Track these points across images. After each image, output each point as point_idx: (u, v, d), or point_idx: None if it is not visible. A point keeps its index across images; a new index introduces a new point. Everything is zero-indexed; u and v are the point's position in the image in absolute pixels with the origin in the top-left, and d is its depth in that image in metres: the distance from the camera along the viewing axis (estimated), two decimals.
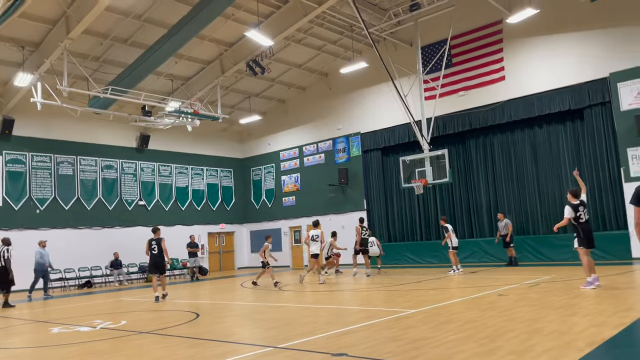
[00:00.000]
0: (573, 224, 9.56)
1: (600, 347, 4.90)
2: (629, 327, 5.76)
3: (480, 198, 19.41)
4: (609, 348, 4.86)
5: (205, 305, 10.98)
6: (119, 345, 6.76)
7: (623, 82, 15.88)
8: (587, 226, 9.55)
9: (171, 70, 20.23)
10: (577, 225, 9.50)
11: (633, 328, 5.73)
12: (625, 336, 5.34)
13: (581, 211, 9.51)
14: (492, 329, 6.09)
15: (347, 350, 5.43)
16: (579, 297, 8.42)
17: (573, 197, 9.61)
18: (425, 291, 10.93)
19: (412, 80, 19.28)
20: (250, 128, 27.21)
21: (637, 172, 15.56)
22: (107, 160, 22.12)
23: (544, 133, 18.07)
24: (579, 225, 9.50)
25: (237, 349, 6.02)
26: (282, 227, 25.71)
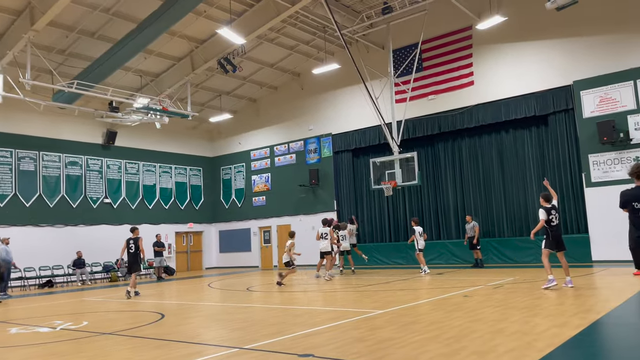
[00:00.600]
0: (545, 226, 9.84)
1: (559, 347, 5.02)
2: (588, 328, 5.93)
3: (447, 201, 19.71)
4: (568, 349, 4.99)
5: (171, 306, 10.80)
6: (80, 346, 6.57)
7: (586, 90, 16.40)
8: (557, 230, 9.88)
9: (140, 65, 19.85)
10: (548, 228, 9.79)
11: (592, 329, 5.91)
12: (584, 337, 5.49)
13: (553, 214, 9.84)
14: (457, 330, 6.18)
15: (313, 351, 5.42)
16: (542, 298, 8.64)
17: (545, 201, 9.94)
18: (393, 292, 11.02)
19: (383, 82, 19.46)
20: (220, 126, 26.94)
21: (597, 177, 16.08)
22: (71, 157, 21.52)
23: (510, 138, 18.50)
24: (550, 229, 9.81)
25: (202, 350, 5.93)
26: (251, 227, 25.54)
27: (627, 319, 6.71)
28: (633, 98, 15.54)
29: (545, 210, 9.84)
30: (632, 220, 5.81)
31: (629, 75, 15.62)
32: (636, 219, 5.71)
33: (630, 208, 5.77)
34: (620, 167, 15.67)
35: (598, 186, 16.07)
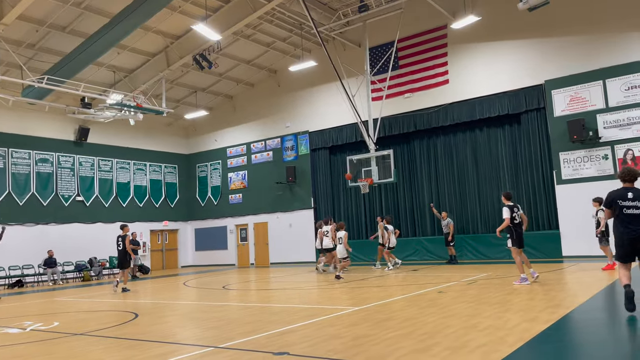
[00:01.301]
0: (509, 225, 10.09)
1: (530, 342, 5.14)
2: (557, 322, 6.08)
3: (423, 198, 19.92)
4: (538, 343, 5.11)
5: (145, 305, 10.66)
6: (50, 348, 6.44)
7: (557, 90, 16.76)
8: (519, 227, 10.18)
9: (113, 61, 19.50)
10: (512, 226, 10.06)
11: (561, 324, 6.05)
12: (553, 331, 5.63)
13: (515, 212, 10.14)
14: (431, 326, 6.26)
15: (289, 348, 5.42)
16: (513, 293, 8.81)
17: (507, 199, 10.30)
18: (368, 289, 11.09)
19: (359, 80, 19.53)
20: (196, 123, 26.67)
21: (568, 175, 16.46)
22: (42, 154, 21.01)
23: (484, 136, 18.78)
24: (513, 227, 10.09)
25: (176, 350, 5.88)
26: (228, 225, 25.37)
27: (595, 314, 6.90)
28: (602, 97, 15.94)
29: (508, 208, 10.11)
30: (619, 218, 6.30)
31: (598, 75, 16.01)
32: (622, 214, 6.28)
33: (616, 206, 6.31)
34: (590, 165, 16.08)
35: (568, 183, 16.45)
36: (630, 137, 15.42)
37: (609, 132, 15.77)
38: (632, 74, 15.46)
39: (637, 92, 15.39)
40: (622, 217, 6.33)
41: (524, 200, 17.67)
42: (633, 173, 6.52)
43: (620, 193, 6.45)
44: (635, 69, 15.42)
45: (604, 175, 15.80)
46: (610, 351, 4.86)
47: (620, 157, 15.57)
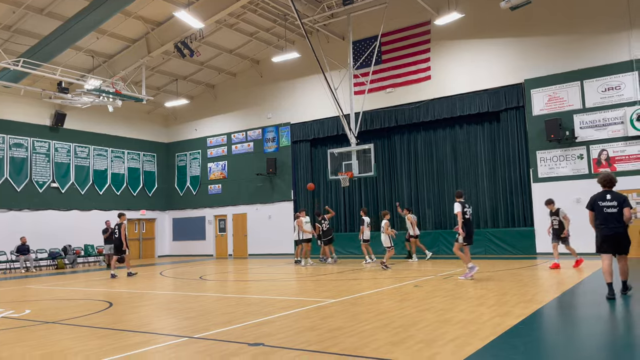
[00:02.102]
0: (462, 220, 10.50)
1: (501, 336, 5.23)
2: (529, 317, 6.20)
3: (402, 193, 20.06)
4: (509, 337, 5.21)
5: (120, 294, 10.54)
6: (22, 335, 6.32)
7: (536, 89, 17.00)
8: (470, 224, 10.66)
9: (92, 45, 19.11)
10: (464, 222, 10.46)
11: (532, 318, 6.18)
12: (524, 326, 5.74)
13: (467, 208, 10.56)
14: (406, 319, 6.33)
15: (264, 339, 5.43)
16: (486, 288, 8.96)
17: (458, 197, 10.77)
18: (345, 281, 11.15)
19: (342, 74, 19.52)
20: (176, 112, 26.35)
21: (544, 173, 16.75)
22: (16, 138, 20.53)
23: (464, 133, 18.97)
24: (465, 222, 10.49)
25: (150, 339, 5.83)
26: (206, 216, 25.20)
27: (565, 310, 7.05)
28: (579, 98, 16.23)
29: (460, 204, 10.54)
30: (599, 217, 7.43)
31: (577, 76, 16.29)
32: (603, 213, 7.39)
33: (597, 206, 7.46)
34: (565, 164, 16.38)
35: (544, 181, 16.74)
36: (605, 137, 15.75)
37: (585, 132, 16.08)
38: (609, 75, 15.77)
39: (613, 94, 15.71)
40: (602, 216, 7.32)
41: (501, 197, 17.94)
42: (610, 179, 7.60)
43: (600, 195, 7.52)
44: (612, 71, 15.73)
45: (579, 174, 16.12)
46: (578, 346, 4.98)
47: (595, 157, 15.90)
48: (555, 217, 12.13)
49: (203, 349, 5.18)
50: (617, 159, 15.55)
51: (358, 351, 4.81)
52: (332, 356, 4.68)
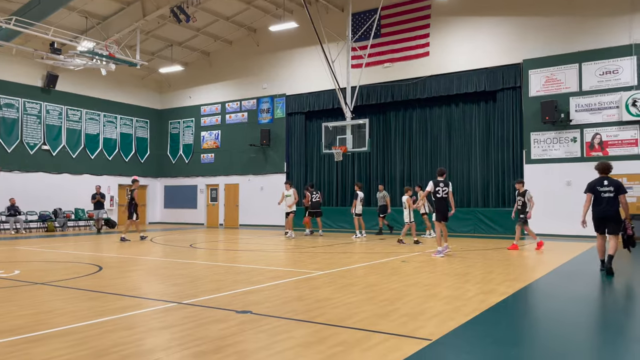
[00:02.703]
0: (432, 198, 10.82)
1: (484, 312, 5.33)
2: (512, 295, 6.32)
3: (395, 169, 20.10)
4: (492, 314, 5.31)
5: (109, 259, 10.59)
6: (11, 295, 6.36)
7: (534, 70, 16.92)
8: (442, 202, 10.76)
9: (86, 6, 18.70)
10: (435, 199, 10.75)
11: (515, 297, 6.29)
12: (507, 304, 5.85)
13: (440, 187, 10.70)
14: (392, 293, 6.42)
15: (251, 307, 5.50)
16: (474, 266, 9.08)
17: (439, 175, 10.89)
18: (334, 255, 11.26)
19: (340, 46, 19.29)
20: (170, 78, 26.02)
21: (537, 155, 16.82)
22: (6, 98, 20.23)
23: (459, 111, 18.93)
24: (437, 201, 10.75)
25: (139, 304, 5.89)
26: (198, 185, 25.18)
27: (549, 288, 7.18)
28: (577, 81, 16.19)
29: (434, 182, 10.78)
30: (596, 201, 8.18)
31: (575, 58, 16.21)
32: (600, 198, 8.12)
33: (594, 192, 8.18)
34: (559, 147, 16.45)
35: (537, 163, 16.83)
36: (600, 121, 15.79)
37: (579, 115, 16.10)
38: (608, 59, 15.71)
39: (610, 78, 15.68)
40: (598, 200, 8.13)
41: (493, 176, 18.04)
42: (607, 166, 8.39)
43: (598, 181, 8.22)
44: (611, 55, 15.66)
45: (572, 157, 16.21)
46: (558, 323, 5.09)
47: (588, 140, 15.97)
48: (521, 198, 12.06)
49: (191, 314, 5.24)
50: (610, 144, 15.63)
51: (343, 322, 4.89)
52: (317, 325, 4.76)
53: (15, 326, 4.73)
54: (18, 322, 4.87)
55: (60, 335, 4.40)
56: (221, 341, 4.22)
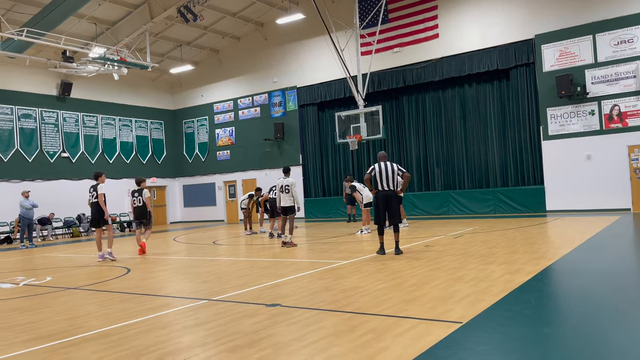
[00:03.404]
0: None
1: (513, 292, 5.33)
2: (539, 274, 6.30)
3: (411, 154, 20.03)
4: (520, 293, 5.30)
5: (136, 260, 10.78)
6: (46, 301, 6.54)
7: (547, 44, 16.65)
8: None
9: (95, 12, 18.88)
10: None
11: (543, 275, 6.27)
12: (536, 282, 5.84)
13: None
14: (418, 278, 6.45)
15: (280, 300, 5.57)
16: (497, 246, 9.05)
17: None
18: (357, 243, 11.30)
19: (348, 34, 19.19)
20: (181, 78, 26.18)
21: (554, 131, 16.61)
22: (24, 109, 20.58)
23: (473, 92, 18.74)
24: None
25: (170, 303, 6.01)
26: (216, 182, 25.39)
27: (576, 265, 7.14)
28: (591, 52, 15.90)
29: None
30: None
31: (588, 30, 15.91)
32: None
33: None
34: (576, 121, 16.21)
35: (554, 139, 16.62)
36: (617, 92, 15.51)
37: (596, 87, 15.83)
38: (622, 28, 15.39)
39: (626, 47, 15.37)
40: None
41: (510, 155, 17.87)
42: None
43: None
44: (625, 23, 15.34)
45: (590, 130, 15.97)
46: (589, 300, 5.07)
47: (606, 112, 15.71)
48: None
49: (222, 310, 5.33)
50: (629, 114, 15.35)
51: (372, 309, 4.94)
52: (347, 314, 4.81)
53: (52, 331, 4.87)
54: (55, 327, 5.02)
55: (97, 338, 4.53)
56: (255, 335, 4.30)
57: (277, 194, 11.67)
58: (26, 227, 16.43)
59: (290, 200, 11.36)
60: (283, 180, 11.48)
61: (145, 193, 11.73)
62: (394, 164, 8.97)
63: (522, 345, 3.72)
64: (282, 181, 11.49)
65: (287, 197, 11.36)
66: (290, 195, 11.35)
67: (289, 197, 11.36)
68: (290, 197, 11.35)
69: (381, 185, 8.83)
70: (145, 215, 11.67)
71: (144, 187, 11.88)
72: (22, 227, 16.51)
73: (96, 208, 10.90)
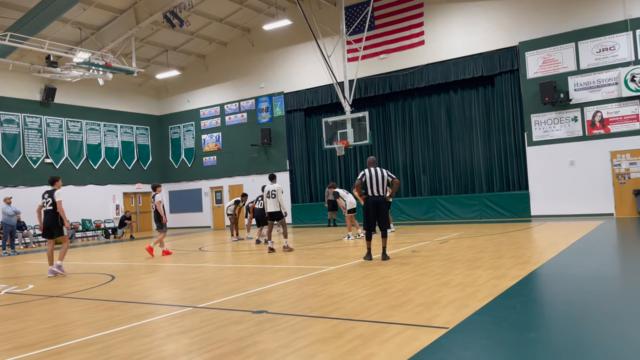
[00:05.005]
0: None
1: (498, 297, 5.37)
2: (524, 278, 6.35)
3: (397, 160, 20.12)
4: (506, 298, 5.34)
5: (121, 267, 10.66)
6: (28, 309, 6.42)
7: (530, 51, 16.89)
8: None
9: (79, 17, 18.72)
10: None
11: (528, 279, 6.33)
12: (520, 287, 5.88)
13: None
14: (404, 283, 6.47)
15: (267, 307, 5.54)
16: (483, 251, 9.12)
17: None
18: (344, 249, 11.30)
19: (335, 40, 19.28)
20: (168, 84, 26.04)
21: (538, 137, 16.81)
22: (6, 114, 20.29)
23: (458, 98, 18.92)
24: None
25: (156, 310, 5.94)
26: (202, 188, 25.25)
27: (560, 269, 7.21)
28: (574, 60, 16.15)
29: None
30: None
31: (571, 37, 16.17)
32: None
33: None
34: (560, 127, 16.43)
35: (538, 145, 16.83)
36: (599, 99, 15.76)
37: (579, 94, 16.08)
38: (604, 36, 15.66)
39: (607, 55, 15.64)
40: None
41: (496, 161, 18.04)
42: None
43: None
44: (607, 31, 15.62)
45: (573, 136, 16.20)
46: (574, 305, 5.12)
47: (589, 118, 15.95)
48: None
49: (208, 317, 5.29)
50: (611, 120, 15.60)
51: (359, 315, 4.93)
52: (333, 321, 4.80)
53: (35, 340, 4.78)
54: (38, 336, 4.93)
55: (81, 347, 4.46)
56: (241, 342, 4.26)
57: (264, 199, 11.71)
58: (8, 234, 16.17)
59: (276, 205, 11.43)
60: (269, 186, 11.62)
61: (157, 198, 12.11)
62: (383, 170, 9.00)
63: (507, 350, 3.74)
64: (268, 187, 11.61)
65: (274, 202, 11.44)
66: (277, 200, 11.40)
67: (275, 203, 11.42)
68: (277, 202, 11.41)
69: (371, 191, 8.85)
70: (157, 219, 12.11)
71: (157, 193, 12.24)
72: (4, 234, 16.25)
73: (52, 216, 9.65)
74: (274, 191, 11.43)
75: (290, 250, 11.45)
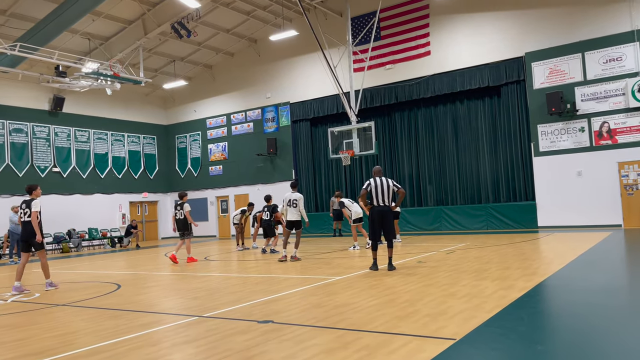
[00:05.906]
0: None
1: (506, 308, 5.33)
2: (531, 290, 6.30)
3: (403, 170, 20.10)
4: (513, 310, 5.30)
5: (127, 276, 10.67)
6: (35, 318, 6.44)
7: (537, 62, 16.89)
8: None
9: (88, 28, 18.93)
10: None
11: (535, 291, 6.28)
12: (528, 299, 5.84)
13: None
14: (411, 294, 6.43)
15: (273, 317, 5.53)
16: (490, 262, 9.06)
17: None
18: (350, 259, 11.27)
19: (341, 51, 19.38)
20: (175, 93, 26.22)
21: (545, 147, 16.76)
22: (15, 123, 20.49)
23: (465, 108, 18.92)
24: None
25: (162, 319, 5.94)
26: (208, 197, 25.30)
27: (568, 281, 7.15)
28: (580, 70, 16.13)
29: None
30: None
31: (578, 48, 16.17)
32: None
33: None
34: (567, 137, 16.38)
35: (545, 155, 16.77)
36: (607, 109, 15.71)
37: (586, 104, 16.04)
38: (611, 46, 15.65)
39: (614, 65, 15.61)
40: None
41: (502, 171, 17.99)
42: None
43: None
44: (613, 42, 15.61)
45: (580, 147, 16.13)
46: (581, 317, 5.07)
47: (596, 129, 15.89)
48: None
49: (214, 327, 5.28)
50: (618, 131, 15.54)
51: (365, 326, 4.91)
52: (340, 331, 4.78)
53: (43, 348, 4.79)
54: (45, 344, 4.94)
55: (88, 355, 4.46)
56: (247, 352, 4.25)
57: (284, 207, 11.73)
58: (15, 243, 16.24)
59: (297, 214, 11.44)
60: (291, 194, 11.52)
61: (186, 207, 12.68)
62: (389, 180, 8.99)
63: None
64: (289, 195, 11.53)
65: (295, 211, 11.42)
66: (298, 210, 11.40)
67: (297, 212, 11.42)
68: (298, 211, 11.41)
69: (376, 200, 8.83)
70: (186, 227, 12.69)
71: (184, 201, 12.86)
72: (12, 243, 16.32)
73: (31, 228, 8.73)
74: (296, 200, 11.37)
75: (297, 260, 11.43)
